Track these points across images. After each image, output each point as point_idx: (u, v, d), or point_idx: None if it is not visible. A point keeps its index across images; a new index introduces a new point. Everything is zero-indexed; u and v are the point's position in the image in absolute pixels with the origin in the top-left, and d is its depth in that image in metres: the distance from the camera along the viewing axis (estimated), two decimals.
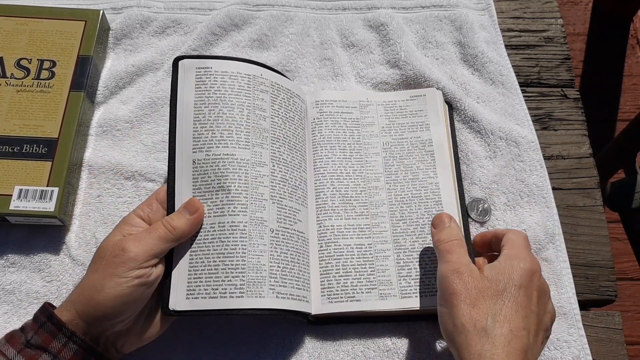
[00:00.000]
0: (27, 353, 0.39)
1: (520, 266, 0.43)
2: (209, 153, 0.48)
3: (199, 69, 0.50)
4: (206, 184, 0.47)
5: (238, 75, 0.50)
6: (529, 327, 0.41)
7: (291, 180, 0.50)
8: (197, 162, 0.48)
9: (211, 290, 0.44)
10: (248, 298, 0.44)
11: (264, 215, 0.47)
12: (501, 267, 0.43)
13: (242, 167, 0.48)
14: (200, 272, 0.45)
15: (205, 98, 0.49)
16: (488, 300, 0.41)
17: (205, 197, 0.47)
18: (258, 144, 0.49)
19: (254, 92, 0.51)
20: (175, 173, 0.48)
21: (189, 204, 0.46)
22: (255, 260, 0.46)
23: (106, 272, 0.41)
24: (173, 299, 0.44)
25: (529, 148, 0.58)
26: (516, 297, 0.41)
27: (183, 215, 0.45)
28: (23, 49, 0.58)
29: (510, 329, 0.39)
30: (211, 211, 0.47)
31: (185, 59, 0.50)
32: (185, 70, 0.50)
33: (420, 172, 0.55)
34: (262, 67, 0.52)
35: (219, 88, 0.50)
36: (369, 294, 0.49)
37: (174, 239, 0.44)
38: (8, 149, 0.53)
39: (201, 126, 0.48)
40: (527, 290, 0.42)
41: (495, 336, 0.39)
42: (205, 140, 0.48)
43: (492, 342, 0.39)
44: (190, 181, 0.47)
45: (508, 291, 0.41)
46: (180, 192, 0.47)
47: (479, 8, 0.67)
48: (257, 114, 0.50)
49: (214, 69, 0.50)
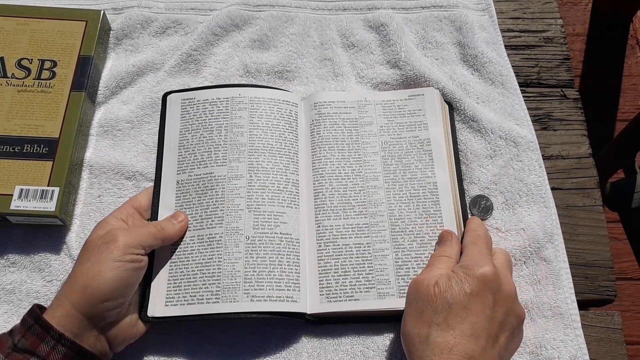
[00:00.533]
0: (15, 357, 0.39)
1: (473, 273, 0.43)
2: (190, 174, 0.53)
3: (184, 100, 0.56)
4: (187, 201, 0.52)
5: (217, 101, 0.56)
6: (479, 333, 0.41)
7: (272, 186, 0.52)
8: (180, 183, 0.53)
9: (189, 297, 0.48)
10: (223, 303, 0.47)
11: (239, 224, 0.50)
12: (454, 277, 0.43)
13: (220, 183, 0.52)
14: (179, 281, 0.49)
15: (189, 125, 0.55)
16: (434, 310, 0.41)
17: (187, 214, 0.51)
18: (235, 159, 0.53)
19: (232, 112, 0.55)
20: (160, 193, 0.53)
21: (176, 214, 0.51)
22: (230, 267, 0.49)
23: (100, 257, 0.43)
24: (152, 307, 0.47)
25: (528, 148, 0.58)
26: (465, 305, 0.41)
27: (170, 221, 0.50)
28: (24, 49, 0.58)
29: (454, 336, 0.40)
30: (191, 225, 0.51)
31: (172, 93, 0.57)
32: (172, 103, 0.57)
33: (419, 172, 0.55)
34: (241, 87, 0.57)
35: (201, 115, 0.55)
36: (367, 293, 0.49)
37: (161, 237, 0.47)
38: (9, 149, 0.53)
39: (185, 151, 0.54)
40: (480, 297, 0.42)
41: (435, 344, 0.40)
42: (187, 162, 0.54)
43: (431, 349, 0.40)
44: (173, 199, 0.52)
45: (458, 299, 0.41)
46: (164, 209, 0.52)
47: (479, 8, 0.67)
48: (234, 131, 0.54)
49: (196, 98, 0.56)
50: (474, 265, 0.43)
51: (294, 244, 0.51)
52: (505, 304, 0.43)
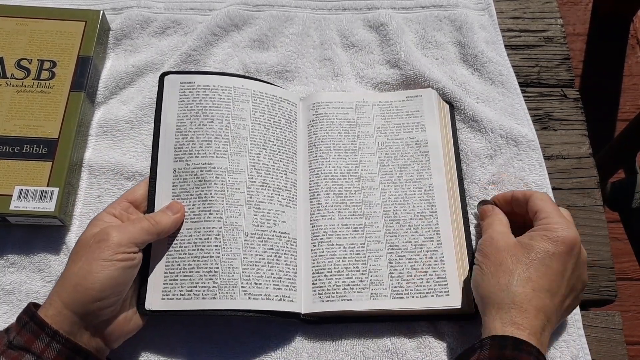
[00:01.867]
0: (10, 354, 0.39)
1: (558, 236, 0.44)
2: (188, 162, 0.51)
3: (183, 83, 0.54)
4: (185, 191, 0.50)
5: (219, 89, 0.54)
6: (554, 290, 0.43)
7: (272, 184, 0.52)
8: (178, 171, 0.51)
9: (185, 291, 0.47)
10: (219, 299, 0.47)
11: (239, 220, 0.50)
12: (537, 236, 0.45)
13: (219, 175, 0.51)
14: (175, 274, 0.48)
15: (188, 111, 0.53)
16: (516, 263, 0.44)
17: (184, 204, 0.50)
18: (236, 152, 0.52)
19: (235, 103, 0.54)
20: (157, 181, 0.51)
21: (172, 205, 0.49)
22: (228, 263, 0.48)
23: (92, 257, 0.42)
24: (149, 299, 0.47)
25: (529, 147, 0.58)
26: (547, 263, 0.43)
27: (165, 213, 0.48)
28: (23, 50, 0.58)
29: (533, 288, 0.42)
30: (188, 217, 0.50)
31: (170, 74, 0.54)
32: (170, 85, 0.54)
33: (415, 173, 0.55)
34: (244, 79, 0.55)
35: (201, 101, 0.53)
36: (360, 294, 0.49)
37: (156, 232, 0.46)
38: (8, 149, 0.53)
39: (182, 137, 0.52)
40: (561, 258, 0.44)
41: (515, 293, 0.42)
42: (185, 150, 0.51)
43: (511, 297, 0.42)
44: (170, 189, 0.50)
45: (540, 257, 0.44)
46: (160, 199, 0.50)
47: (479, 8, 0.67)
48: (236, 123, 0.53)
49: (196, 83, 0.54)
50: (560, 228, 0.45)
51: (291, 243, 0.51)
52: (580, 269, 0.46)
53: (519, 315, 0.42)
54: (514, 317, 0.42)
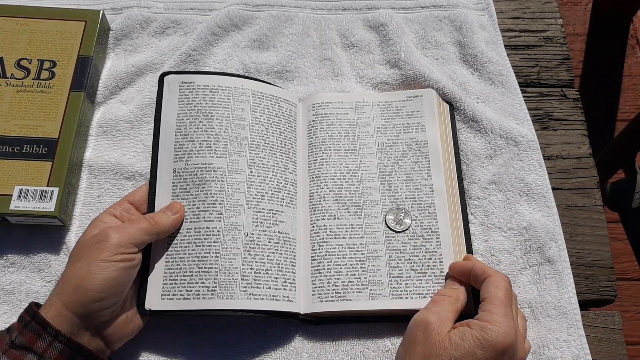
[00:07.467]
0: (12, 354, 0.39)
1: (489, 338, 0.40)
2: (188, 162, 0.51)
3: (183, 83, 0.54)
4: (184, 191, 0.50)
5: (219, 89, 0.54)
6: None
7: (272, 184, 0.52)
8: (177, 171, 0.51)
9: (185, 291, 0.47)
10: (219, 299, 0.47)
11: (238, 220, 0.50)
12: (469, 336, 0.41)
13: (219, 175, 0.51)
14: (175, 274, 0.48)
15: (187, 111, 0.53)
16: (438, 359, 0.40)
17: (183, 204, 0.50)
18: (236, 152, 0.52)
19: (234, 103, 0.54)
20: (157, 181, 0.51)
21: (172, 205, 0.49)
22: (228, 263, 0.48)
23: (91, 258, 0.42)
24: (149, 299, 0.47)
25: (529, 147, 0.58)
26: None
27: (165, 213, 0.48)
28: (23, 49, 0.58)
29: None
30: (188, 217, 0.50)
31: (170, 74, 0.54)
32: (170, 85, 0.54)
33: (415, 173, 0.55)
34: (243, 79, 0.55)
35: (200, 101, 0.53)
36: (359, 294, 0.49)
37: (155, 232, 0.46)
38: (8, 149, 0.53)
39: (182, 137, 0.52)
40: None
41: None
42: (185, 150, 0.52)
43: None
44: (169, 188, 0.51)
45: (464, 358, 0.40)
46: (160, 199, 0.50)
47: (479, 8, 0.67)
48: (236, 123, 0.53)
49: (196, 83, 0.54)
50: (495, 330, 0.41)
51: (291, 243, 0.51)
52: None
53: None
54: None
